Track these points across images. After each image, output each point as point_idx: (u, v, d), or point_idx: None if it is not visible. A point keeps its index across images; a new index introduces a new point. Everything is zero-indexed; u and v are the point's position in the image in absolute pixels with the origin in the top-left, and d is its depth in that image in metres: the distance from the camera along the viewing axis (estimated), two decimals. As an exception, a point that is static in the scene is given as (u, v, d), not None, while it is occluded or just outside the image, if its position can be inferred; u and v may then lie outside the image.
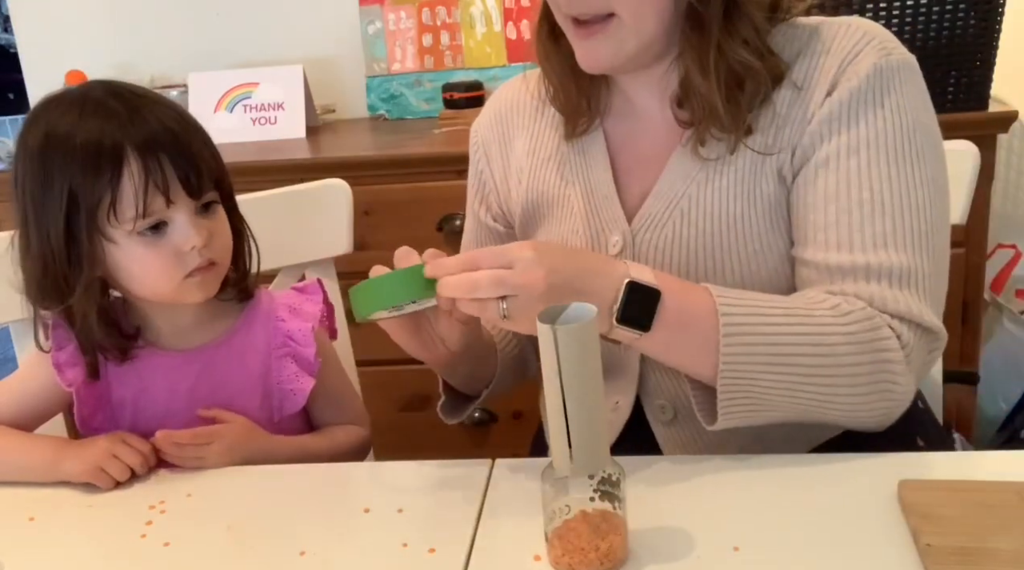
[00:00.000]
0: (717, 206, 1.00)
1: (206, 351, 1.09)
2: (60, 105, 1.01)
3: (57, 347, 1.06)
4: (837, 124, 0.95)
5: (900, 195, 0.93)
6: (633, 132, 1.08)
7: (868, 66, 0.95)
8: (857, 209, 0.94)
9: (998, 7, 1.70)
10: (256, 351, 1.11)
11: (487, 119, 1.19)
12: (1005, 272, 2.07)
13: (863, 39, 0.97)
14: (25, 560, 0.89)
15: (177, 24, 2.43)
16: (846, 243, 0.94)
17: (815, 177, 0.96)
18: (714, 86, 0.96)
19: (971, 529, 0.77)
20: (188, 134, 1.01)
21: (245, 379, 1.10)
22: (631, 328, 0.88)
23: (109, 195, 0.96)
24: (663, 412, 1.05)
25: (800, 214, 0.97)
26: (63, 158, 0.97)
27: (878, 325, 0.91)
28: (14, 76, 2.54)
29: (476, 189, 1.21)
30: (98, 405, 1.08)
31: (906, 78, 0.96)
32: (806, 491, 0.87)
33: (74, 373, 1.05)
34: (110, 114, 0.98)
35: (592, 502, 0.79)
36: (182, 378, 1.08)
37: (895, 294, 0.92)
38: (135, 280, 1.02)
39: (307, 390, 1.11)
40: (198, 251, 1.00)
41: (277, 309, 1.13)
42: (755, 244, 0.99)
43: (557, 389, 0.74)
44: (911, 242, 0.93)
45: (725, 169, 1.00)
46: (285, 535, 0.88)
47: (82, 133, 0.97)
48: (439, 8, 2.30)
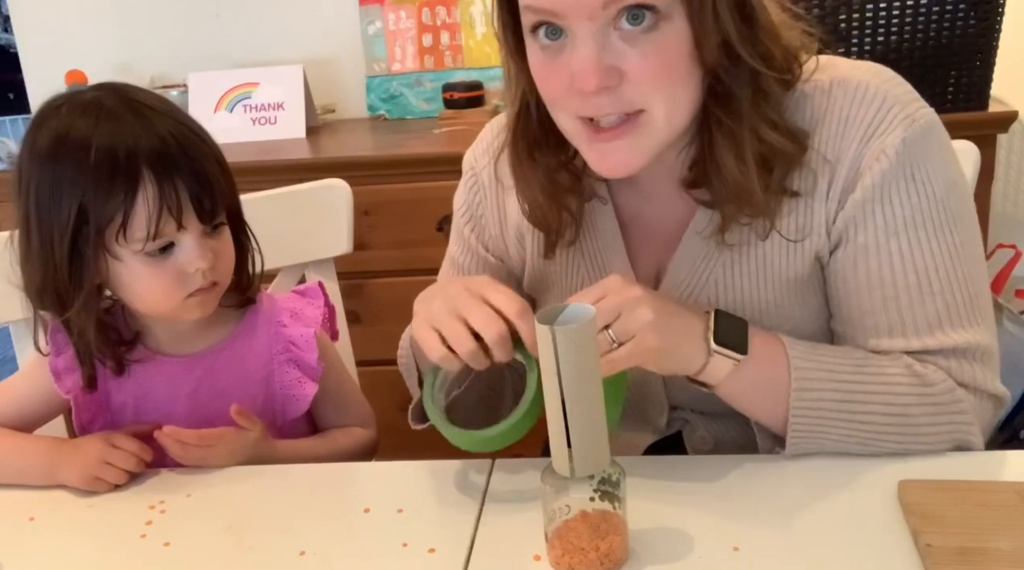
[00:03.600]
0: (748, 293, 0.96)
1: (207, 356, 1.09)
2: (73, 109, 0.98)
3: (56, 352, 1.05)
4: (871, 206, 0.90)
5: (947, 270, 0.90)
6: (641, 206, 1.01)
7: (896, 142, 0.89)
8: (905, 293, 0.90)
9: (998, 7, 1.70)
10: (257, 356, 1.10)
11: (483, 159, 1.09)
12: (1005, 272, 2.07)
13: (883, 106, 0.90)
14: (25, 560, 0.89)
15: (177, 24, 2.43)
16: (898, 328, 0.91)
17: (855, 264, 0.92)
18: (751, 171, 0.88)
19: (971, 529, 0.77)
20: (203, 156, 0.99)
21: (246, 384, 1.09)
22: (732, 352, 0.86)
23: (121, 216, 0.95)
24: (703, 443, 1.04)
25: (844, 299, 0.94)
26: (75, 170, 0.95)
27: (953, 388, 0.90)
28: (14, 76, 2.54)
29: (470, 225, 1.11)
30: (98, 411, 1.07)
31: (932, 141, 0.91)
32: (806, 491, 0.87)
33: (72, 380, 1.05)
34: (126, 127, 0.96)
35: (592, 502, 0.79)
36: (183, 383, 1.08)
37: (961, 365, 0.91)
38: (136, 297, 1.01)
39: (310, 395, 1.10)
40: (202, 273, 0.99)
41: (279, 314, 1.12)
42: (788, 326, 0.95)
43: (556, 390, 0.74)
44: (964, 316, 0.91)
45: (751, 252, 0.95)
46: (285, 535, 0.88)
47: (97, 146, 0.94)
48: (439, 8, 2.31)
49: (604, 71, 0.82)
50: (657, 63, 0.83)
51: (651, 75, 0.83)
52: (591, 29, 0.82)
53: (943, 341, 0.90)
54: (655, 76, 0.84)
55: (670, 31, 0.82)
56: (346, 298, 1.40)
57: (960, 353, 0.91)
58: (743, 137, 0.88)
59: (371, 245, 1.90)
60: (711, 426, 1.04)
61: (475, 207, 1.10)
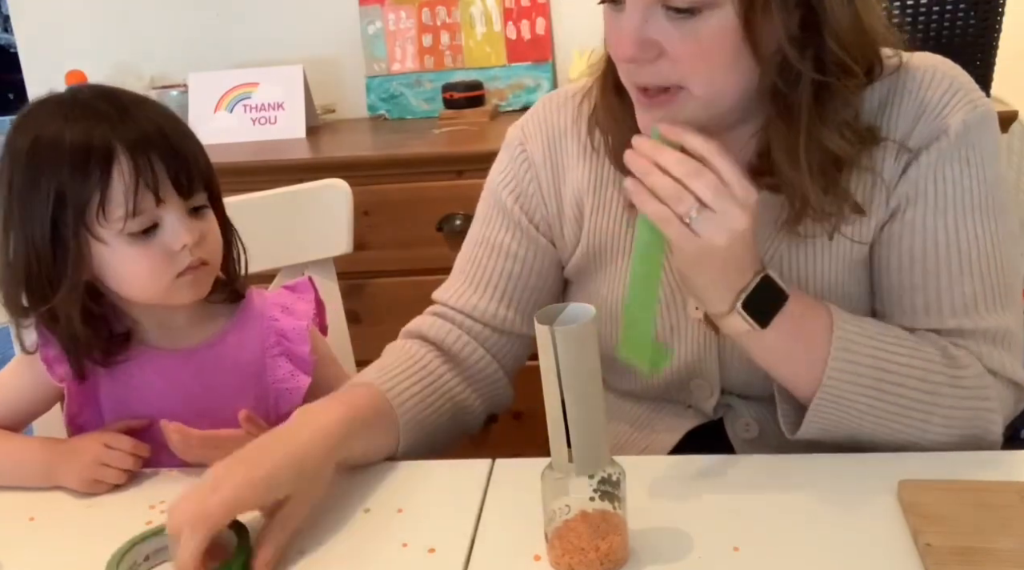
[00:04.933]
0: (809, 273, 0.97)
1: (199, 351, 1.08)
2: (48, 108, 1.00)
3: (44, 342, 1.05)
4: (924, 184, 0.93)
5: (987, 254, 0.92)
6: None
7: (958, 123, 0.92)
8: (945, 272, 0.92)
9: (998, 7, 1.70)
10: (249, 351, 1.10)
11: (536, 136, 1.08)
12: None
13: (950, 90, 0.93)
14: (25, 560, 0.89)
15: (177, 24, 2.43)
16: (934, 306, 0.93)
17: (900, 239, 0.94)
18: (807, 178, 0.89)
19: (971, 529, 0.77)
20: (178, 135, 1.00)
21: (239, 379, 1.09)
22: (751, 318, 0.87)
23: (98, 194, 0.95)
24: (747, 430, 1.04)
25: (884, 274, 0.96)
26: (51, 159, 0.96)
27: (986, 383, 0.91)
28: (14, 76, 2.54)
29: (516, 199, 1.09)
30: (85, 403, 1.07)
31: (989, 129, 0.95)
32: (806, 491, 0.87)
33: (64, 369, 1.04)
34: (100, 115, 0.97)
35: (592, 502, 0.79)
36: (175, 378, 1.07)
37: (989, 350, 0.92)
38: (125, 281, 1.01)
39: (303, 388, 1.10)
40: (189, 250, 0.99)
41: (269, 309, 1.12)
42: (845, 303, 0.95)
43: (556, 390, 0.74)
44: (999, 300, 0.93)
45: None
46: (285, 535, 0.88)
47: (71, 134, 0.96)
48: (439, 8, 2.31)
49: (641, 43, 0.85)
50: (695, 46, 0.85)
51: (688, 56, 0.86)
52: (640, 3, 0.85)
53: (977, 323, 0.92)
54: (692, 58, 0.86)
55: (715, 19, 0.84)
56: (346, 298, 1.40)
57: (991, 337, 0.93)
58: (798, 144, 0.89)
59: (371, 245, 1.90)
60: (757, 412, 1.03)
61: (525, 184, 1.09)
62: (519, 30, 2.28)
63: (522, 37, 2.29)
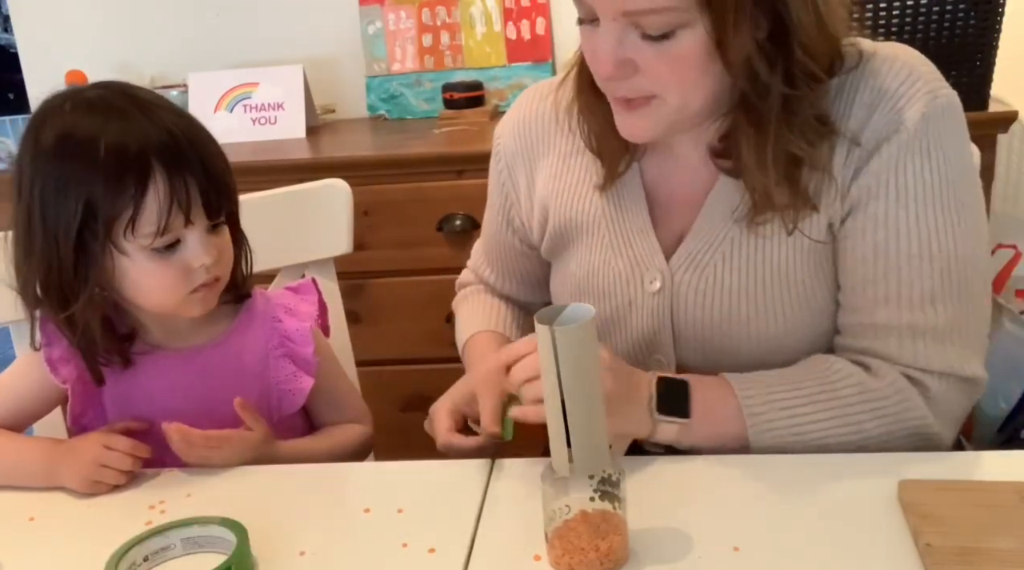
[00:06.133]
0: (761, 252, 0.99)
1: (203, 352, 1.09)
2: (77, 106, 0.98)
3: (47, 343, 1.05)
4: (885, 176, 0.93)
5: (949, 247, 0.93)
6: (668, 171, 1.05)
7: (916, 115, 0.92)
8: (907, 264, 0.94)
9: (998, 7, 1.70)
10: (253, 352, 1.10)
11: (511, 129, 1.15)
12: (1005, 272, 2.07)
13: (908, 79, 0.94)
14: (25, 560, 0.89)
15: (177, 24, 2.43)
16: (894, 299, 0.94)
17: (864, 232, 0.95)
18: (772, 179, 0.93)
19: (971, 529, 0.77)
20: (212, 154, 1.00)
21: (242, 379, 1.09)
22: (674, 417, 0.93)
23: (130, 210, 0.95)
24: None
25: (848, 265, 0.97)
26: (84, 166, 0.95)
27: (906, 398, 0.93)
28: (14, 76, 2.54)
29: (500, 205, 1.19)
30: (88, 402, 1.07)
31: (950, 120, 0.94)
32: (806, 491, 0.87)
33: (68, 370, 1.05)
34: (135, 123, 0.96)
35: (592, 502, 0.79)
36: (178, 378, 1.07)
37: (939, 350, 0.94)
38: (141, 292, 1.01)
39: (306, 389, 1.10)
40: (206, 268, 1.00)
41: (274, 310, 1.13)
42: (798, 289, 0.98)
43: (555, 390, 0.74)
44: (958, 294, 0.94)
45: None
46: (285, 535, 0.88)
47: (107, 142, 0.94)
48: (439, 8, 2.30)
49: (618, 62, 0.90)
50: (670, 65, 0.89)
51: (664, 73, 0.90)
52: (614, 27, 0.89)
53: (931, 317, 0.94)
54: (668, 74, 0.90)
55: (687, 38, 0.88)
56: (346, 298, 1.40)
57: (942, 335, 0.94)
58: (766, 150, 0.93)
59: (371, 245, 1.90)
60: None
61: (502, 185, 1.17)
62: (519, 30, 2.28)
63: (522, 37, 2.28)
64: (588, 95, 1.03)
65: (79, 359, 1.04)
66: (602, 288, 1.06)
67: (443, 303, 1.24)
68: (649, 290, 1.03)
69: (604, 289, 1.06)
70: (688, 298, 1.01)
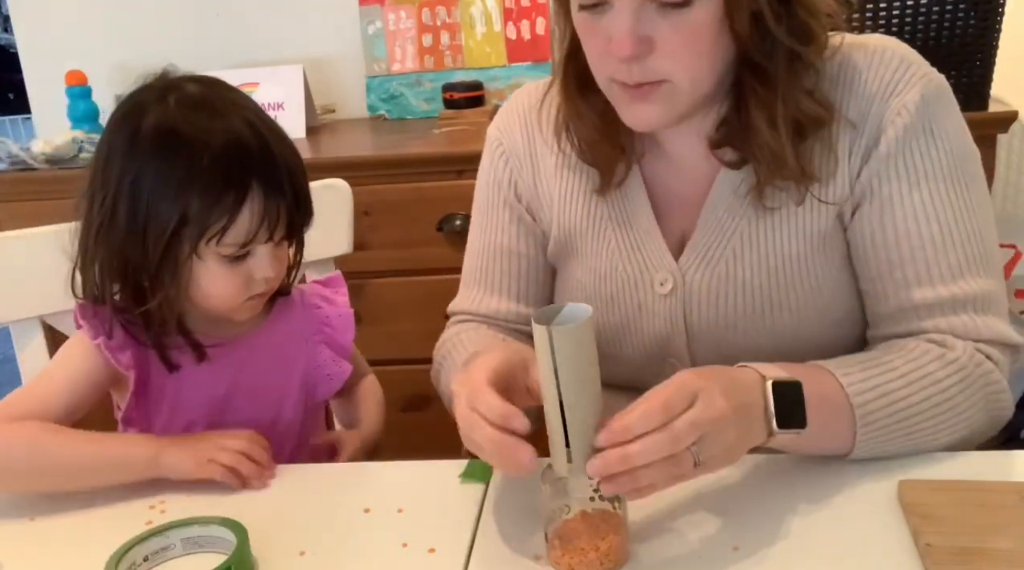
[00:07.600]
0: (772, 245, 0.99)
1: (246, 340, 1.10)
2: (181, 103, 0.98)
3: (102, 334, 1.03)
4: (894, 159, 0.95)
5: (964, 223, 0.95)
6: (666, 172, 1.05)
7: (916, 98, 0.95)
8: (930, 244, 0.95)
9: (998, 7, 1.70)
10: (294, 339, 1.14)
11: (510, 125, 1.13)
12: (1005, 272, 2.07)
13: (901, 66, 0.96)
14: (25, 560, 0.89)
15: (177, 24, 2.43)
16: (926, 278, 0.95)
17: (881, 216, 0.96)
18: (783, 138, 0.93)
19: (971, 529, 0.77)
20: (300, 171, 1.02)
21: (284, 367, 1.12)
22: (793, 430, 0.83)
23: (224, 222, 0.96)
24: None
25: (870, 252, 0.97)
26: (187, 171, 0.95)
27: (980, 361, 0.93)
28: (14, 76, 2.54)
29: (503, 202, 1.13)
30: (139, 392, 1.06)
31: (946, 101, 0.97)
32: (806, 491, 0.87)
33: (126, 357, 1.04)
34: (239, 132, 0.97)
35: (592, 502, 0.79)
36: (223, 368, 1.08)
37: (983, 320, 0.94)
38: (200, 292, 1.02)
39: (345, 374, 1.15)
40: (266, 280, 1.03)
41: (311, 298, 1.17)
42: (811, 280, 0.99)
43: (554, 390, 0.74)
44: (981, 267, 0.95)
45: (776, 208, 0.99)
46: (285, 535, 0.88)
47: (212, 150, 0.95)
48: (439, 8, 2.31)
49: (638, 40, 0.88)
50: (688, 36, 0.89)
51: (680, 47, 0.89)
52: (631, 2, 0.88)
53: (966, 289, 0.94)
54: (684, 48, 0.89)
55: (703, 6, 0.88)
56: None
57: (982, 304, 0.94)
58: (776, 104, 0.93)
59: (371, 245, 1.89)
60: None
61: (509, 174, 1.12)
62: (519, 30, 2.28)
63: (522, 37, 2.29)
64: (577, 100, 1.02)
65: (135, 347, 1.04)
66: (610, 294, 1.05)
67: (443, 303, 1.24)
68: (660, 292, 1.03)
69: (612, 295, 1.05)
70: (701, 297, 1.01)
